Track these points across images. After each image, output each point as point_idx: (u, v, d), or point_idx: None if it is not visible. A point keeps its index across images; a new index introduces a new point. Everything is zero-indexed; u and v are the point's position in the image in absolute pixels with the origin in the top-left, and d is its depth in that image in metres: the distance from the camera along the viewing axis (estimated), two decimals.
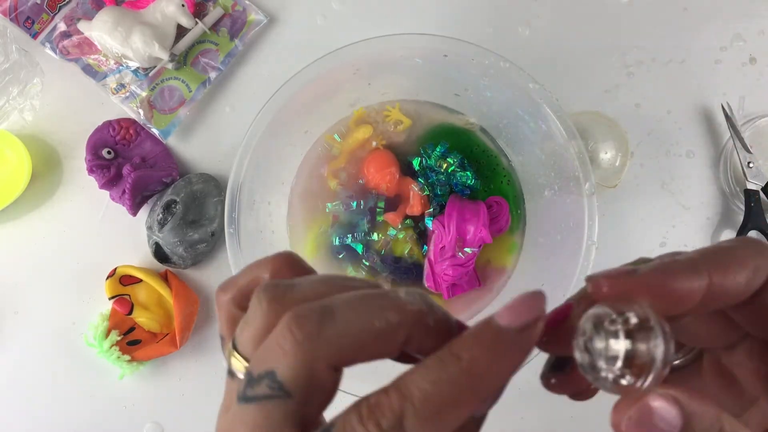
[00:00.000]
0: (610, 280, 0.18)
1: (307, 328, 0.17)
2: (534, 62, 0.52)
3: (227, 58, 0.58)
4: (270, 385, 0.17)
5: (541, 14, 0.59)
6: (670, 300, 0.17)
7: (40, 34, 0.57)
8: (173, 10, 0.55)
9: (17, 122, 0.57)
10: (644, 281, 0.17)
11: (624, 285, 0.18)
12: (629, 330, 0.16)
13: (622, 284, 0.18)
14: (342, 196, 0.54)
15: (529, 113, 0.48)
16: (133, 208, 0.55)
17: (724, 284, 0.17)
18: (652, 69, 0.59)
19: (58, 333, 0.57)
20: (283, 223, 0.55)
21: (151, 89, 0.57)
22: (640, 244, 0.57)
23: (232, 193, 0.46)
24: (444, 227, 0.51)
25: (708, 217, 0.58)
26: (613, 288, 0.18)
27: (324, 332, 0.17)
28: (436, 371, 0.17)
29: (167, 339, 0.54)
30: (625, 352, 0.16)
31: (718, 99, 0.58)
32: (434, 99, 0.55)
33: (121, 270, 0.55)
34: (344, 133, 0.55)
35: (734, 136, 0.56)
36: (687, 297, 0.17)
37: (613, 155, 0.55)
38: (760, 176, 0.56)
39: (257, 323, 0.18)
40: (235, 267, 0.46)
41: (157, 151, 0.57)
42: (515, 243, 0.55)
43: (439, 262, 0.51)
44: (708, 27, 0.59)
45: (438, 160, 0.53)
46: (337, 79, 0.50)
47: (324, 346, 0.17)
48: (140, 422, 0.56)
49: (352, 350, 0.17)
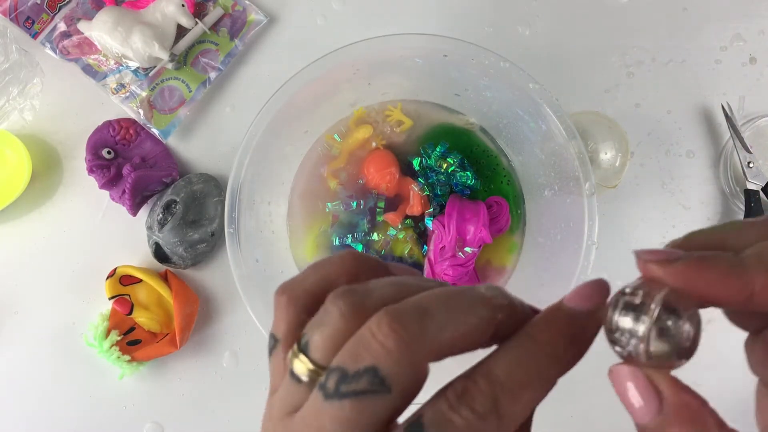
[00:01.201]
0: (654, 262, 0.19)
1: (411, 328, 0.18)
2: (534, 62, 0.52)
3: (227, 58, 0.58)
4: (371, 380, 0.17)
5: (541, 14, 0.59)
6: (704, 297, 0.17)
7: (40, 34, 0.57)
8: (173, 10, 0.55)
9: (17, 122, 0.57)
10: (681, 273, 0.17)
11: (664, 272, 0.18)
12: (645, 309, 0.17)
13: (661, 270, 0.18)
14: (342, 196, 0.54)
15: (529, 113, 0.48)
16: (133, 208, 0.55)
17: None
18: (652, 69, 0.59)
19: (58, 333, 0.57)
20: (283, 223, 0.55)
21: (151, 89, 0.57)
22: (640, 244, 0.57)
23: (232, 193, 0.46)
24: (444, 227, 0.51)
25: (708, 217, 0.58)
26: (653, 272, 0.19)
27: (426, 330, 0.18)
28: (516, 353, 0.18)
29: (167, 339, 0.54)
30: (635, 330, 0.17)
31: (718, 99, 0.58)
32: (434, 99, 0.55)
33: (121, 270, 0.55)
34: (344, 133, 0.55)
35: (734, 136, 0.56)
36: (723, 300, 0.17)
37: (613, 155, 0.55)
38: (760, 176, 0.56)
39: (336, 327, 0.19)
40: (235, 267, 0.46)
41: (157, 151, 0.57)
42: (515, 243, 0.55)
43: (439, 262, 0.51)
44: (708, 27, 0.59)
45: (438, 160, 0.53)
46: (337, 79, 0.50)
47: (427, 344, 0.18)
48: (140, 422, 0.56)
49: (450, 345, 0.18)
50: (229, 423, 0.57)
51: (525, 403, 0.18)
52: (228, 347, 0.57)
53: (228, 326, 0.57)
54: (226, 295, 0.57)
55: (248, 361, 0.57)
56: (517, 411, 0.17)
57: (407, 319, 0.18)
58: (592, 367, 0.60)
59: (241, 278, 0.46)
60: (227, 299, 0.57)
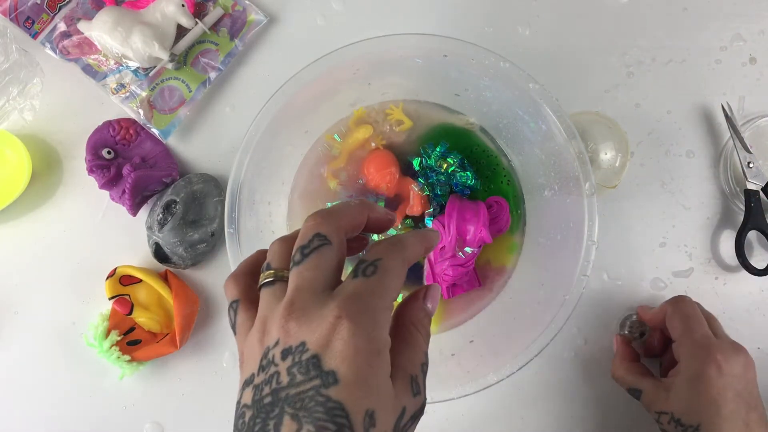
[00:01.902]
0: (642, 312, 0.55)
1: (327, 215, 0.28)
2: (534, 62, 0.52)
3: (227, 58, 0.58)
4: (319, 240, 0.27)
5: (541, 14, 0.59)
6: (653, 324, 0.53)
7: (40, 34, 0.57)
8: (173, 10, 0.55)
9: (17, 122, 0.57)
10: (650, 319, 0.54)
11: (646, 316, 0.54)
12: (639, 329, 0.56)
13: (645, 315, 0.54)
14: (342, 196, 0.54)
15: (529, 113, 0.48)
16: (133, 208, 0.55)
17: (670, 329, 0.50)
18: (652, 69, 0.59)
19: (58, 333, 0.57)
20: (283, 223, 0.55)
21: (151, 89, 0.57)
22: (640, 244, 0.57)
23: (232, 193, 0.46)
24: (444, 227, 0.51)
25: (708, 217, 0.58)
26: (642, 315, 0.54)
27: (335, 217, 0.28)
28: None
29: (167, 339, 0.54)
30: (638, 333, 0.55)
31: (718, 99, 0.58)
32: (434, 99, 0.55)
33: (121, 270, 0.55)
34: (344, 133, 0.55)
35: (734, 136, 0.56)
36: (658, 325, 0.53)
37: (613, 155, 0.55)
38: (760, 176, 0.56)
39: (283, 239, 0.29)
40: (234, 267, 0.46)
41: (157, 151, 0.57)
42: (515, 243, 0.55)
43: (439, 262, 0.51)
44: (708, 27, 0.60)
45: (438, 160, 0.53)
46: (337, 79, 0.50)
47: (337, 221, 0.28)
48: (140, 422, 0.56)
49: (347, 225, 0.28)
50: (229, 423, 0.56)
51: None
52: (228, 347, 0.57)
53: (228, 326, 0.57)
54: None
55: None
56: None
57: (324, 212, 0.28)
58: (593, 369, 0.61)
59: None
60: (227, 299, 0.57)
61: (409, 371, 0.26)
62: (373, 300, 0.25)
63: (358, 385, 0.24)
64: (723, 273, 0.58)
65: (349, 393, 0.23)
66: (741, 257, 0.56)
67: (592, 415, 0.56)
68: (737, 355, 0.45)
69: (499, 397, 0.56)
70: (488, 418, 0.56)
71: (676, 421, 0.45)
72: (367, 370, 0.24)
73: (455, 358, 0.50)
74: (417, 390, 0.26)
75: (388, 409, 0.24)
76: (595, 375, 0.56)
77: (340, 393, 0.23)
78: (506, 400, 0.56)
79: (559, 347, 0.56)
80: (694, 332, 0.47)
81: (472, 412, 0.56)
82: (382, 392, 0.24)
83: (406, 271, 0.28)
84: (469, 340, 0.52)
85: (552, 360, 0.56)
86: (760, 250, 0.58)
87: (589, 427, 0.56)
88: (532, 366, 0.45)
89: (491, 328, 0.52)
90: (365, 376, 0.24)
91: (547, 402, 0.56)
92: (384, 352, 0.25)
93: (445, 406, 0.56)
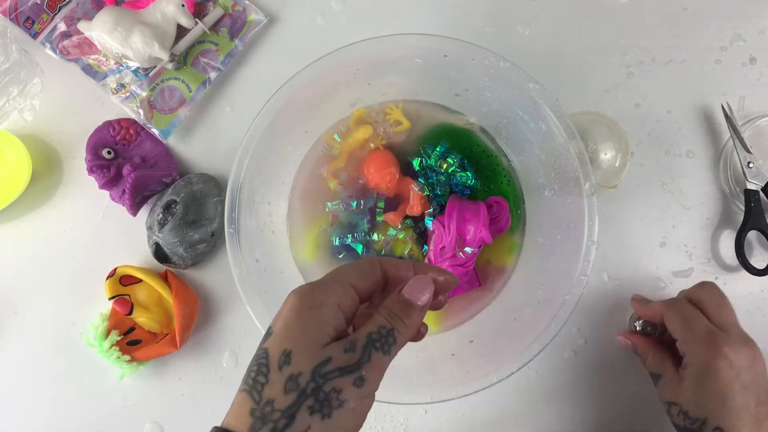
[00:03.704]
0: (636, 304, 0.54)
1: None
2: (534, 62, 0.52)
3: (227, 58, 0.58)
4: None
5: (541, 14, 0.59)
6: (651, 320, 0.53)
7: (40, 34, 0.57)
8: (173, 10, 0.55)
9: (17, 122, 0.57)
10: (645, 315, 0.53)
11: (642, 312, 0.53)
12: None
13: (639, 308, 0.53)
14: (342, 196, 0.54)
15: (529, 113, 0.48)
16: (133, 208, 0.55)
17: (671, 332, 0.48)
18: (652, 69, 0.59)
19: (58, 333, 0.57)
20: (283, 223, 0.55)
21: (151, 89, 0.57)
22: (640, 244, 0.57)
23: (232, 193, 0.46)
24: (444, 227, 0.51)
25: (708, 217, 0.58)
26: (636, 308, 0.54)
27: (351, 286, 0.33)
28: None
29: (167, 339, 0.54)
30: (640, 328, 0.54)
31: (718, 99, 0.58)
32: (434, 99, 0.55)
33: (121, 270, 0.55)
34: (344, 133, 0.55)
35: (734, 136, 0.56)
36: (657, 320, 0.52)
37: (613, 156, 0.55)
38: (760, 176, 0.56)
39: None
40: (234, 267, 0.46)
41: (157, 151, 0.57)
42: (515, 243, 0.55)
43: (439, 262, 0.51)
44: (708, 27, 0.60)
45: (438, 160, 0.53)
46: (337, 79, 0.50)
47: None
48: (140, 422, 0.56)
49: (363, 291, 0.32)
50: None
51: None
52: (228, 347, 0.57)
53: (228, 326, 0.57)
54: (226, 295, 0.57)
55: (248, 361, 0.56)
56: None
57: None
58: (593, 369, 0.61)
59: (240, 278, 0.46)
60: (227, 299, 0.57)
61: (352, 335, 0.30)
62: (320, 280, 0.31)
63: (283, 332, 0.29)
64: (723, 273, 0.58)
65: (274, 339, 0.29)
66: (741, 257, 0.56)
67: (592, 415, 0.56)
68: (745, 346, 0.44)
69: (499, 397, 0.56)
70: (488, 418, 0.56)
71: (684, 413, 0.45)
72: (294, 320, 0.29)
73: (455, 358, 0.50)
74: (351, 349, 0.29)
75: (308, 353, 0.28)
76: (595, 375, 0.56)
77: (270, 342, 0.29)
78: (506, 400, 0.56)
79: (559, 347, 0.56)
80: (695, 328, 0.46)
81: (472, 412, 0.56)
82: (306, 338, 0.29)
83: (364, 265, 0.32)
84: (469, 340, 0.52)
85: (552, 360, 0.56)
86: (760, 250, 0.58)
87: (589, 427, 0.56)
88: (532, 366, 0.46)
89: (491, 328, 0.52)
90: (290, 325, 0.29)
91: (547, 402, 0.56)
92: (318, 309, 0.29)
93: (445, 406, 0.56)
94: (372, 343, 0.29)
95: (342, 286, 0.31)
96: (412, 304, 0.31)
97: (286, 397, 0.27)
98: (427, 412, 0.56)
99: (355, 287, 0.31)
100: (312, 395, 0.27)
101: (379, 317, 0.31)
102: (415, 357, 0.50)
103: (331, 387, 0.27)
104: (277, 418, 0.27)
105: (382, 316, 0.31)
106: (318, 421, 0.27)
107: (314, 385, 0.27)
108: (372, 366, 0.29)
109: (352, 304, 0.31)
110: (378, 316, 0.31)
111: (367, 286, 0.32)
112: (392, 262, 0.33)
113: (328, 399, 0.27)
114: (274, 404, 0.27)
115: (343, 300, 0.30)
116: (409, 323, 0.31)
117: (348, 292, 0.31)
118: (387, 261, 0.33)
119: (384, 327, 0.30)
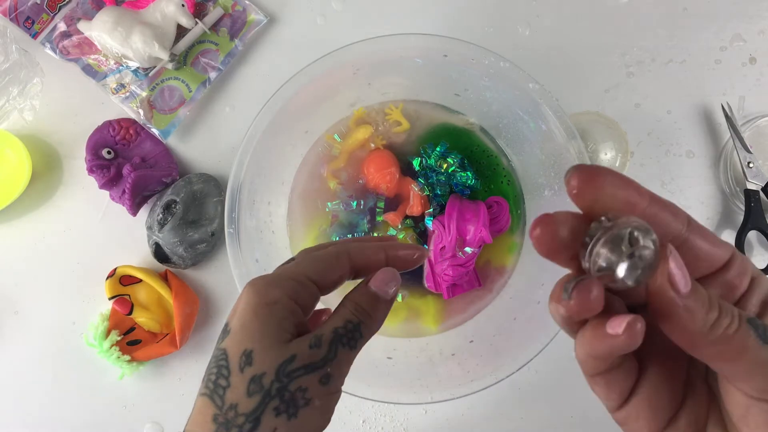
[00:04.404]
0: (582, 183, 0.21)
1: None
2: (534, 62, 0.52)
3: (227, 58, 0.58)
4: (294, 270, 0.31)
5: (541, 14, 0.59)
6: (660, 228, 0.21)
7: (40, 34, 0.57)
8: (173, 10, 0.55)
9: (17, 122, 0.57)
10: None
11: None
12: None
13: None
14: (342, 196, 0.54)
15: (529, 113, 0.48)
16: (133, 208, 0.55)
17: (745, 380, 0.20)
18: (652, 69, 0.59)
19: (58, 333, 0.57)
20: (283, 223, 0.55)
21: (151, 89, 0.57)
22: None
23: (232, 193, 0.46)
24: (444, 227, 0.51)
25: (708, 217, 0.58)
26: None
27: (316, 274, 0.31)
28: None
29: (167, 339, 0.54)
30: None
31: (718, 99, 0.58)
32: (434, 99, 0.55)
33: (121, 270, 0.55)
34: (344, 133, 0.55)
35: (734, 136, 0.56)
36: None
37: (613, 156, 0.55)
38: (760, 176, 0.56)
39: None
40: (235, 267, 0.46)
41: (157, 151, 0.57)
42: (515, 243, 0.55)
43: (439, 262, 0.51)
44: (708, 27, 0.59)
45: (438, 160, 0.53)
46: (337, 79, 0.50)
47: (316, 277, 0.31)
48: (140, 422, 0.56)
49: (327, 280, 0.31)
50: None
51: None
52: None
53: None
54: (226, 295, 0.57)
55: None
56: None
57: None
58: None
59: (241, 278, 0.46)
60: (227, 299, 0.57)
61: (317, 330, 0.29)
62: (274, 273, 0.30)
63: (242, 331, 0.28)
64: None
65: (232, 339, 0.28)
66: None
67: (592, 415, 0.56)
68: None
69: (499, 397, 0.56)
70: (488, 418, 0.56)
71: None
72: (251, 317, 0.28)
73: (455, 358, 0.50)
74: (317, 344, 0.28)
75: (271, 352, 0.27)
76: None
77: (228, 341, 0.28)
78: (506, 400, 0.56)
79: (559, 347, 0.56)
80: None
81: (472, 412, 0.56)
82: (267, 336, 0.27)
83: (329, 259, 0.31)
84: (469, 340, 0.52)
85: (552, 360, 0.56)
86: (760, 250, 0.58)
87: (589, 427, 0.56)
88: (532, 366, 0.45)
89: (491, 328, 0.52)
90: (248, 322, 0.28)
91: (547, 402, 0.56)
92: (275, 305, 0.28)
93: (445, 406, 0.56)
94: (338, 339, 0.28)
95: (299, 282, 0.29)
96: (379, 297, 0.30)
97: (249, 400, 0.26)
98: (427, 412, 0.56)
99: (315, 282, 0.30)
100: (277, 396, 0.26)
101: (345, 311, 0.30)
102: (415, 357, 0.50)
103: (297, 386, 0.27)
104: (241, 423, 0.26)
105: (349, 309, 0.30)
106: (284, 422, 0.26)
107: (279, 385, 0.26)
108: (338, 362, 0.28)
109: (310, 299, 0.30)
110: (344, 309, 0.30)
111: (330, 279, 0.31)
112: (361, 250, 0.32)
113: (294, 399, 0.26)
114: (237, 408, 0.26)
115: (301, 294, 0.29)
116: (376, 317, 0.30)
117: (306, 287, 0.29)
118: (355, 250, 0.31)
119: (351, 321, 0.29)
